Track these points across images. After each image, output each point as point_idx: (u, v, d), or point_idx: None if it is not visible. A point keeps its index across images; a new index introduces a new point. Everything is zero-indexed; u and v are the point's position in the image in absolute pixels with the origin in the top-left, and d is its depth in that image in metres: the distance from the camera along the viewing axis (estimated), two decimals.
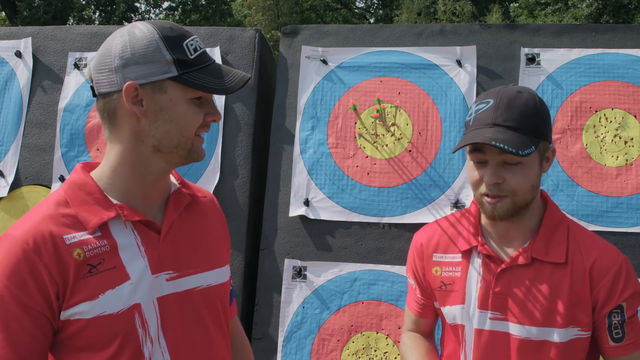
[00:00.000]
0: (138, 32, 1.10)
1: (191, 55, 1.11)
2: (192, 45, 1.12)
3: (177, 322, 1.15)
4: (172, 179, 1.26)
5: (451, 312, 1.45)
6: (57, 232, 1.06)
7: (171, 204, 1.20)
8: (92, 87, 1.14)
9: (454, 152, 1.93)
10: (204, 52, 1.14)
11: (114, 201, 1.13)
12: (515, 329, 1.36)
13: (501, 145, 1.29)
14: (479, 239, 1.44)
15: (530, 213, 1.41)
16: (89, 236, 1.08)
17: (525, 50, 2.04)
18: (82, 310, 1.05)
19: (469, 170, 1.41)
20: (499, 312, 1.38)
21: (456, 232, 1.48)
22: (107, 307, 1.07)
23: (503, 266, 1.39)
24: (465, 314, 1.42)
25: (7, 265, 1.02)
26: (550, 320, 1.35)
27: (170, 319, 1.14)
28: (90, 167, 1.19)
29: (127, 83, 1.07)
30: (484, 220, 1.47)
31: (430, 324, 1.58)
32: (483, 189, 1.36)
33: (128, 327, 1.08)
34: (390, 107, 2.07)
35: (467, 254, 1.45)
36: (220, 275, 1.26)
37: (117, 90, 1.09)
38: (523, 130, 1.32)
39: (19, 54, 2.30)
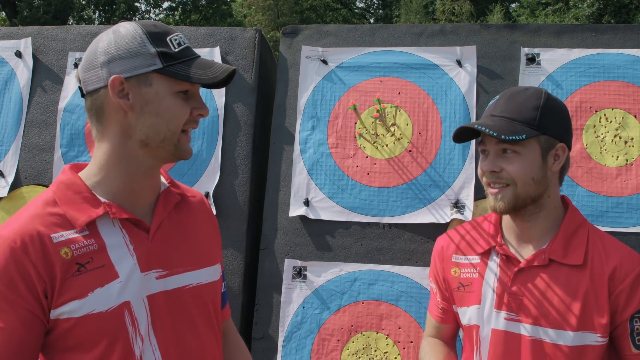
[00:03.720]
0: (122, 29, 1.12)
1: (175, 48, 1.12)
2: (175, 40, 1.13)
3: (167, 320, 1.15)
4: (162, 179, 1.26)
5: (467, 312, 1.45)
6: (44, 231, 1.06)
7: (160, 203, 1.20)
8: (80, 88, 1.15)
9: (455, 142, 1.94)
10: (188, 47, 1.15)
11: (102, 199, 1.13)
12: (527, 330, 1.35)
13: (482, 128, 1.31)
14: (498, 239, 1.45)
15: (544, 212, 1.40)
16: (77, 235, 1.09)
17: (525, 50, 2.04)
18: (71, 309, 1.05)
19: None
20: (513, 312, 1.38)
21: (476, 235, 1.49)
22: (97, 306, 1.07)
23: (521, 266, 1.39)
24: (480, 314, 1.42)
25: None
26: (565, 323, 1.33)
27: (160, 316, 1.14)
28: (78, 167, 1.20)
29: (113, 77, 1.08)
30: (503, 222, 1.48)
31: (451, 331, 1.57)
32: (485, 178, 1.40)
33: (118, 325, 1.09)
34: (390, 107, 2.07)
35: (485, 255, 1.46)
36: (211, 274, 1.26)
37: (104, 86, 1.10)
38: (518, 120, 1.33)
39: (19, 54, 2.30)
